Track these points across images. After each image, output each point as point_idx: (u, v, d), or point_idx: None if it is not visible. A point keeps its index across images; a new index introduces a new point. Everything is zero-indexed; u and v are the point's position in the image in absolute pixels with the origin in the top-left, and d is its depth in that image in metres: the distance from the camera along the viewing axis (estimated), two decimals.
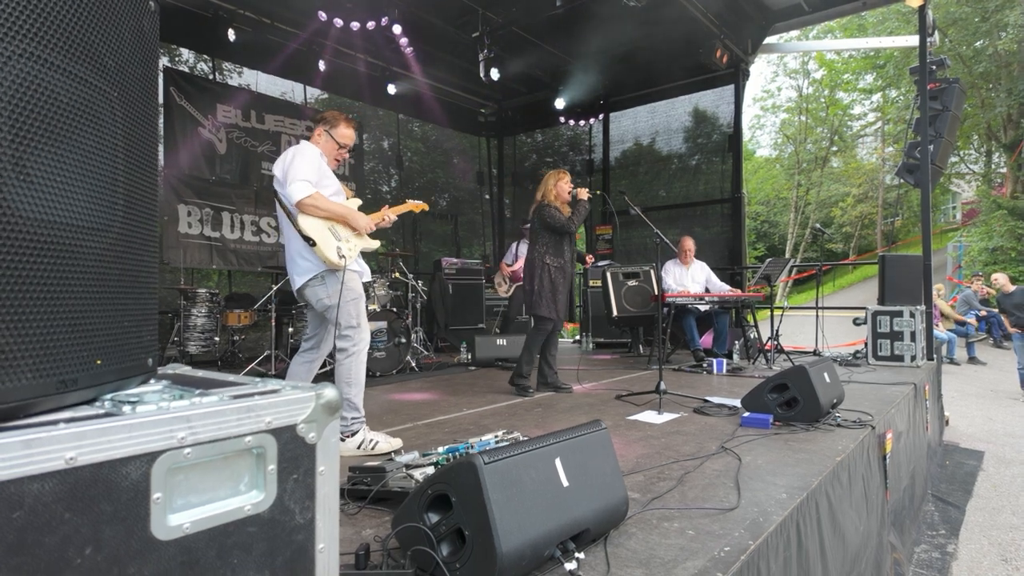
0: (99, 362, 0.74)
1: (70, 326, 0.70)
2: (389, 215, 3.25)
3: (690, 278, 6.37)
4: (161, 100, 6.48)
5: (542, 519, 1.42)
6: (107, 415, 0.68)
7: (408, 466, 2.07)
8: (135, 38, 0.82)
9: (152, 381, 0.92)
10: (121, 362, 0.80)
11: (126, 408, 0.70)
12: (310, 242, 2.80)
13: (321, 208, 2.83)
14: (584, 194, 4.37)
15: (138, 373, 0.85)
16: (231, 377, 0.97)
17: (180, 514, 0.71)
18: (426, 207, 3.56)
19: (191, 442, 0.71)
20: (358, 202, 3.16)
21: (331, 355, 3.02)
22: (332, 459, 0.86)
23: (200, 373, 1.04)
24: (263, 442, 0.79)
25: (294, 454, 0.82)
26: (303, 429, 0.83)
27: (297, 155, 2.89)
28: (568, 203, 4.39)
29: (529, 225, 4.46)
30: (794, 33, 8.42)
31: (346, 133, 3.09)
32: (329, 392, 0.85)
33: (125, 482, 0.65)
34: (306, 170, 2.83)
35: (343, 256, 2.87)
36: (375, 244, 3.10)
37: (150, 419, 0.68)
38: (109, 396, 0.77)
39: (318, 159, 2.96)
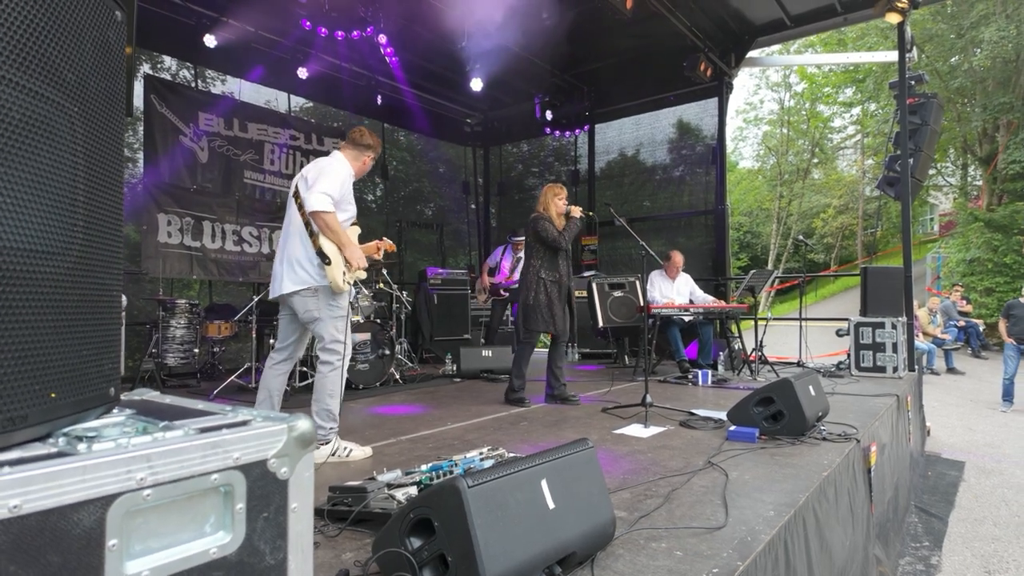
0: (53, 395, 0.69)
1: (20, 358, 0.64)
2: (384, 249, 3.38)
3: (675, 291, 6.40)
4: (141, 108, 6.38)
5: (527, 543, 1.38)
6: (59, 455, 0.63)
7: (390, 485, 2.02)
8: (99, 50, 0.78)
9: (116, 411, 0.87)
10: (79, 394, 0.74)
11: (81, 446, 0.65)
12: (325, 260, 2.85)
13: (331, 229, 2.86)
14: (577, 212, 4.40)
15: (98, 404, 0.79)
16: (200, 405, 0.92)
17: (138, 560, 0.66)
18: (394, 248, 3.65)
19: (151, 483, 0.66)
20: (358, 230, 3.21)
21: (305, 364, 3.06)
22: (306, 495, 0.81)
23: (168, 399, 0.98)
24: (231, 479, 0.74)
25: (264, 491, 0.77)
26: (274, 464, 0.78)
27: (334, 168, 2.95)
28: (563, 215, 4.41)
29: (523, 238, 4.49)
30: (776, 47, 8.51)
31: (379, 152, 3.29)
32: (303, 424, 0.80)
33: (76, 530, 0.60)
34: (335, 187, 2.88)
35: (347, 282, 2.94)
36: (363, 275, 3.17)
37: (106, 460, 0.63)
38: (65, 431, 0.71)
39: (348, 181, 3.03)
